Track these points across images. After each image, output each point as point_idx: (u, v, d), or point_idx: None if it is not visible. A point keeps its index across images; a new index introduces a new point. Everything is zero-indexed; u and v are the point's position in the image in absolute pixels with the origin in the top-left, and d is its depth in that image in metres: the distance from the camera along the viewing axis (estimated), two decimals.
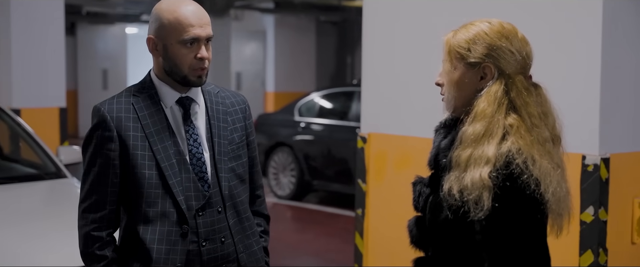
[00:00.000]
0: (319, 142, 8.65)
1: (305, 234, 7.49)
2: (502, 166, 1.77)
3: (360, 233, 4.14)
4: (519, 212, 1.79)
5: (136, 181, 2.15)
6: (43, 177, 4.30)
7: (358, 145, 4.17)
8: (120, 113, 2.15)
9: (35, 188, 4.17)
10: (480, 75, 1.88)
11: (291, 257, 6.46)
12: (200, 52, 2.15)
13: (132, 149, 2.14)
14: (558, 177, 1.84)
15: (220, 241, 2.24)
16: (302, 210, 8.66)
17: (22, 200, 3.99)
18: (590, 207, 3.25)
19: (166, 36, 2.14)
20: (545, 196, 1.79)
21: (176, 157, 2.18)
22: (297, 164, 8.83)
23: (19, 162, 4.57)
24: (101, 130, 2.15)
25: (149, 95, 2.20)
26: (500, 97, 1.84)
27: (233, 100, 2.35)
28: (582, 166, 3.25)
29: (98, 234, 2.17)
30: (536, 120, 1.85)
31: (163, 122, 2.18)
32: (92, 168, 2.17)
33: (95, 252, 2.17)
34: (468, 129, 1.83)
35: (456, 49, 1.90)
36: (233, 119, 2.31)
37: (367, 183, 4.09)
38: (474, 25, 1.91)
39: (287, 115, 9.25)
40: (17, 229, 3.48)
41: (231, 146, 2.28)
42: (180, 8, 2.14)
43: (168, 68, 2.18)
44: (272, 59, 16.63)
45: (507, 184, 1.76)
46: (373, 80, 4.12)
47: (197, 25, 2.14)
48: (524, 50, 1.90)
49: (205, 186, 2.21)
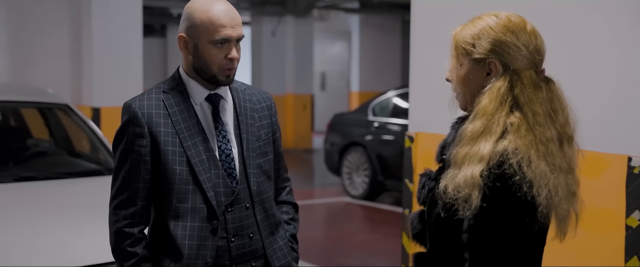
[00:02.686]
0: (392, 142, 8.60)
1: (374, 234, 7.47)
2: (495, 165, 1.72)
3: (407, 233, 4.10)
4: (506, 214, 1.73)
5: (167, 176, 2.17)
6: (103, 173, 4.48)
7: (405, 144, 4.14)
8: (151, 109, 2.17)
9: (94, 183, 4.34)
10: (487, 71, 1.82)
11: (357, 257, 6.46)
12: (230, 53, 2.17)
13: (163, 145, 2.17)
14: (557, 179, 1.76)
15: (249, 236, 2.26)
16: (374, 210, 8.63)
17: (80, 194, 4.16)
18: (636, 211, 3.11)
19: (197, 35, 2.16)
20: (537, 200, 1.72)
21: (206, 153, 2.20)
22: (370, 164, 8.82)
23: (82, 157, 4.77)
24: (132, 126, 2.16)
25: (178, 92, 2.22)
26: (504, 94, 1.78)
27: (259, 97, 2.37)
28: (627, 167, 3.12)
29: (129, 231, 2.19)
30: (540, 119, 1.78)
31: (193, 118, 2.21)
32: (123, 165, 2.19)
33: (126, 249, 2.19)
34: (468, 127, 1.79)
35: (462, 45, 1.85)
36: (260, 116, 2.33)
37: (414, 183, 4.05)
38: (480, 19, 1.86)
39: (361, 115, 9.24)
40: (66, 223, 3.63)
41: (258, 142, 2.30)
42: (213, 8, 2.15)
43: (198, 66, 2.20)
44: (356, 59, 16.64)
45: (497, 185, 1.71)
46: (421, 80, 4.08)
47: (229, 26, 2.15)
48: (533, 44, 1.82)
49: (233, 182, 2.24)
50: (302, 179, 10.78)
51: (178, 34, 2.22)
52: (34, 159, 4.62)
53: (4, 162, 4.43)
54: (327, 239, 7.31)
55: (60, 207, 3.84)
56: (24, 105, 5.06)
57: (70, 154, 4.86)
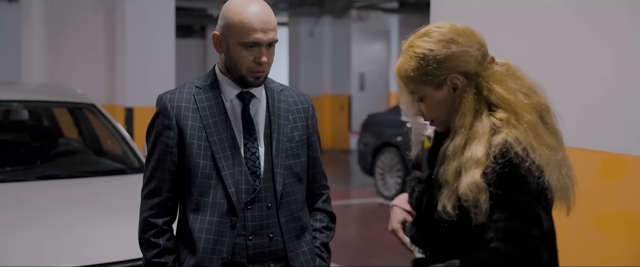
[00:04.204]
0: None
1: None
2: (497, 156, 1.68)
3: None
4: (524, 193, 1.68)
5: (190, 169, 2.19)
6: (126, 172, 4.53)
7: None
8: (180, 103, 2.21)
9: (117, 182, 4.39)
10: (452, 88, 1.80)
11: (382, 258, 6.42)
12: (260, 57, 2.17)
13: (189, 138, 2.19)
14: (557, 160, 1.74)
15: (268, 236, 2.24)
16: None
17: (100, 192, 4.21)
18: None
19: (229, 35, 2.17)
20: (552, 184, 1.70)
21: (231, 149, 2.20)
22: (402, 165, 8.75)
23: (107, 156, 4.83)
24: (161, 118, 2.20)
25: (211, 87, 2.24)
26: (475, 103, 1.76)
27: (296, 99, 2.36)
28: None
29: (154, 221, 2.22)
30: (519, 108, 1.75)
31: (222, 114, 2.22)
32: (152, 155, 2.23)
33: (150, 239, 2.22)
34: (449, 145, 1.76)
35: (413, 78, 1.81)
36: (294, 118, 2.32)
37: None
38: (413, 46, 1.82)
39: (394, 115, 9.17)
40: (90, 221, 3.67)
41: (290, 143, 2.29)
42: (246, 10, 2.15)
43: (229, 66, 2.22)
44: (395, 60, 16.47)
45: (506, 171, 1.67)
46: None
47: (260, 30, 2.14)
48: (474, 40, 1.80)
49: (257, 180, 2.23)
50: (339, 179, 10.76)
51: (213, 32, 2.25)
52: (60, 157, 4.68)
53: (31, 161, 4.51)
54: (357, 240, 7.27)
55: (80, 205, 3.89)
56: (51, 105, 5.15)
57: (97, 153, 4.92)
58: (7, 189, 4.04)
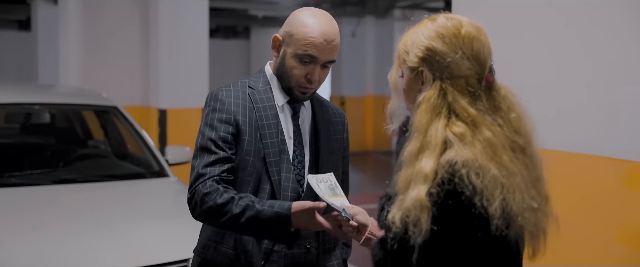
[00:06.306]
0: None
1: None
2: (443, 180, 1.52)
3: None
4: (457, 237, 1.53)
5: (241, 168, 2.15)
6: (146, 176, 4.46)
7: None
8: (237, 100, 2.19)
9: (135, 186, 4.33)
10: (421, 81, 1.66)
11: None
12: (312, 74, 2.15)
13: (247, 135, 2.16)
14: (513, 184, 1.55)
15: (305, 247, 2.22)
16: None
17: (122, 198, 4.15)
18: None
19: (289, 43, 2.16)
20: (489, 210, 1.51)
21: (282, 154, 2.18)
22: None
23: (128, 159, 4.77)
24: (218, 113, 2.16)
25: (263, 90, 2.23)
26: (436, 105, 1.60)
27: (335, 112, 2.38)
28: None
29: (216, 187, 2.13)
30: (483, 127, 1.58)
31: (275, 118, 2.20)
32: (208, 141, 2.15)
33: (216, 201, 2.09)
34: (406, 148, 1.62)
35: (400, 52, 1.72)
36: (335, 130, 2.33)
37: None
38: (420, 24, 1.72)
39: None
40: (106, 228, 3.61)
41: (332, 154, 2.29)
42: (312, 24, 2.13)
43: (280, 72, 2.21)
44: None
45: (449, 203, 1.52)
46: None
47: (321, 48, 2.12)
48: (466, 48, 1.64)
49: (300, 189, 2.21)
50: (379, 181, 10.60)
51: (275, 34, 2.22)
52: (79, 161, 4.64)
53: (52, 165, 4.47)
54: None
55: (94, 210, 3.82)
56: (73, 107, 5.12)
57: (121, 156, 4.87)
58: (23, 193, 4.01)
